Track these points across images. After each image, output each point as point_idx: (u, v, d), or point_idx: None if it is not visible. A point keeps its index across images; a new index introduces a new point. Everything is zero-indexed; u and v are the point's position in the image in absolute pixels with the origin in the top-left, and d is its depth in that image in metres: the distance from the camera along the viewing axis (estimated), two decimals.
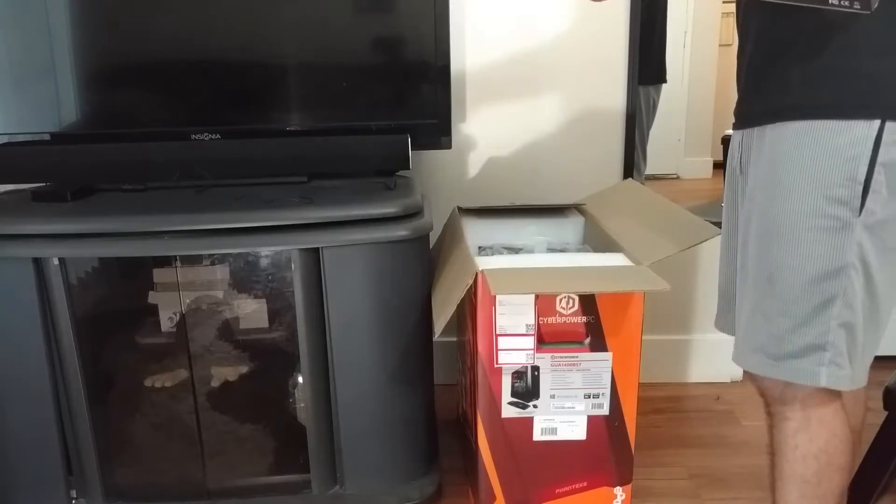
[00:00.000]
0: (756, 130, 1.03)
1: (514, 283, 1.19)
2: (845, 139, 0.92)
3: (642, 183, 1.79)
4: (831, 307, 0.96)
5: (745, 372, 1.09)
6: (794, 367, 1.00)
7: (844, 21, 0.87)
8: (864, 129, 0.91)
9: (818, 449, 1.03)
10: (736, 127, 1.11)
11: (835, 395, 1.03)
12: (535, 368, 1.26)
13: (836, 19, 0.88)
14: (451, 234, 1.58)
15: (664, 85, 1.91)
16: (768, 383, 1.05)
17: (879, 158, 0.91)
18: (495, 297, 1.19)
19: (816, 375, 0.98)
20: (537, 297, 1.20)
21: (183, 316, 1.46)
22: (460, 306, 1.26)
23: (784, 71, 0.98)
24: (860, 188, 0.92)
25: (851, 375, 0.99)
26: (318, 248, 1.31)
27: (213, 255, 1.46)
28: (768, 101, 1.01)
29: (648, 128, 1.86)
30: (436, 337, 1.29)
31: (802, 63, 0.95)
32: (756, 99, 1.05)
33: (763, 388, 1.07)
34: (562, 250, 1.46)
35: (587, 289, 1.21)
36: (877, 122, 0.90)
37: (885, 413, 1.26)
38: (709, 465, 1.64)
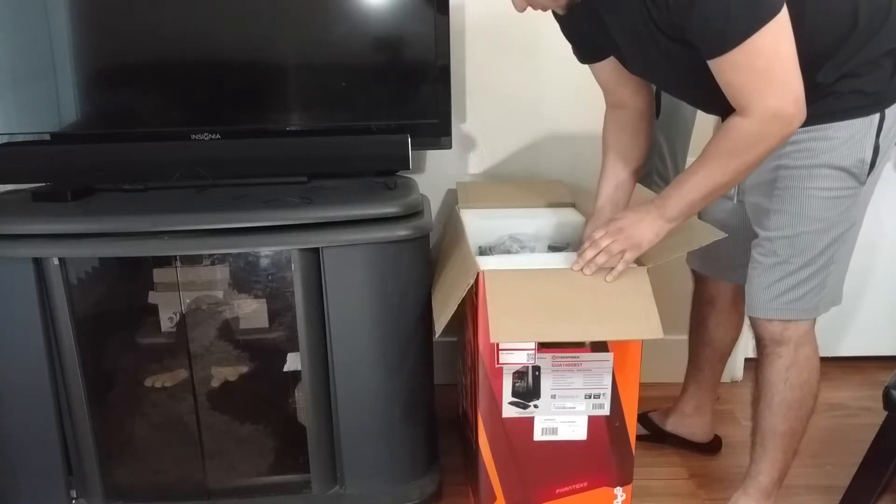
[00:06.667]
0: None
1: (516, 326, 1.16)
2: None
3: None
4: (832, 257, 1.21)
5: (750, 321, 1.29)
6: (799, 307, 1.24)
7: None
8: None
9: (803, 381, 1.26)
10: None
11: (814, 335, 1.27)
12: (536, 368, 1.26)
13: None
14: (452, 233, 1.58)
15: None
16: (773, 326, 1.24)
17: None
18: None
19: (816, 309, 1.24)
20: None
21: (183, 316, 1.46)
22: (461, 306, 1.26)
23: None
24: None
25: (831, 301, 1.28)
26: (318, 248, 1.31)
27: (213, 255, 1.46)
28: None
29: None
30: (436, 337, 1.29)
31: None
32: None
33: (766, 330, 1.26)
34: (562, 249, 1.46)
35: (590, 336, 1.22)
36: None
37: (885, 413, 1.26)
38: (709, 465, 1.64)
